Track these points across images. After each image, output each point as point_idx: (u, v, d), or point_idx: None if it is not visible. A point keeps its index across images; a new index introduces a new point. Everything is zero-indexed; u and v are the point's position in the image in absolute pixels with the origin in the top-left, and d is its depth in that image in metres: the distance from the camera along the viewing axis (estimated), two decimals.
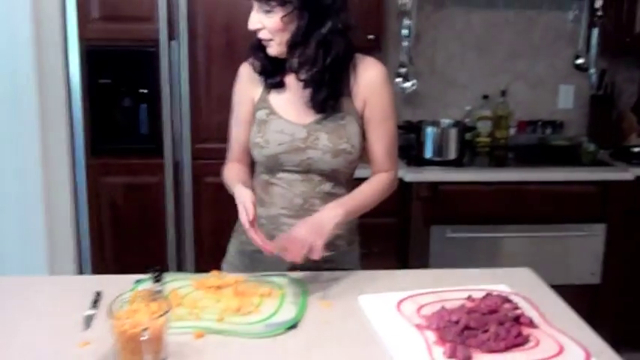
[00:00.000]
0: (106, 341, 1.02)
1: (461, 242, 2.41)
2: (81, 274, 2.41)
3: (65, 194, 2.39)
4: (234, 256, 1.52)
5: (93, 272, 2.44)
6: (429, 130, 2.52)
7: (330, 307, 1.21)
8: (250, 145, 1.41)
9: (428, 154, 2.53)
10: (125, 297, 1.06)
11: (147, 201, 2.42)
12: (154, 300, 1.05)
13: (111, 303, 1.02)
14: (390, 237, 2.46)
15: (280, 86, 1.38)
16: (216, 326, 1.12)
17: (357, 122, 1.38)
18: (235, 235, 1.53)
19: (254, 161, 1.46)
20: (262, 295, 1.24)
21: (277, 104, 1.39)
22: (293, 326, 1.13)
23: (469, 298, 1.21)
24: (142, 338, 0.96)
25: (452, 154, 2.52)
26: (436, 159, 2.52)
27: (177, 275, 1.36)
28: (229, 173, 1.45)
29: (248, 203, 1.25)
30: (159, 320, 0.99)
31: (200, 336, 1.09)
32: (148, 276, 1.34)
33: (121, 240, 2.44)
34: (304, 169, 1.37)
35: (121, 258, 2.44)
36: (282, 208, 1.40)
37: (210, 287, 1.26)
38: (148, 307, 1.03)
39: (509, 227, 2.43)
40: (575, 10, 2.83)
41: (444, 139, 2.52)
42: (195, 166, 2.37)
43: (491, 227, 2.42)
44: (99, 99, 2.36)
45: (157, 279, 1.30)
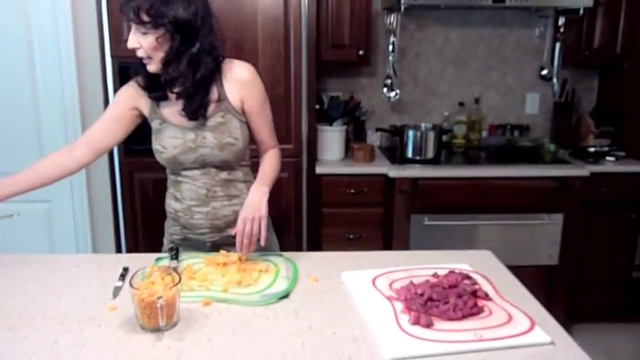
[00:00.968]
0: (130, 307, 1.08)
1: (437, 229, 2.43)
2: (119, 251, 2.49)
3: (105, 188, 2.45)
4: (167, 247, 1.54)
5: (127, 251, 2.50)
6: (411, 133, 2.54)
7: (317, 282, 1.26)
8: (153, 152, 1.43)
9: (409, 154, 2.54)
10: (145, 271, 1.11)
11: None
12: (168, 274, 1.10)
13: (132, 276, 1.07)
14: (377, 224, 2.49)
15: (164, 99, 1.38)
16: (221, 296, 1.17)
17: (238, 118, 1.39)
18: (167, 230, 1.56)
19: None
20: (260, 271, 1.28)
21: (167, 113, 1.39)
22: (285, 297, 1.17)
23: (434, 275, 1.25)
24: (158, 305, 1.01)
25: (430, 154, 2.53)
26: (417, 158, 2.53)
27: (191, 254, 1.41)
28: (45, 159, 1.42)
29: None
30: (171, 290, 1.04)
31: (207, 304, 1.14)
32: (167, 254, 1.40)
33: (150, 225, 2.48)
34: (200, 165, 1.40)
35: (150, 239, 2.48)
36: (191, 200, 1.43)
37: (218, 264, 1.31)
38: (163, 280, 1.08)
39: (479, 216, 2.45)
40: (541, 28, 2.84)
41: (424, 141, 2.53)
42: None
43: (463, 216, 2.44)
44: None
45: (174, 257, 1.36)
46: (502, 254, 1.45)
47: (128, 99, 1.43)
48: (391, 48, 2.69)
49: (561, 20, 2.70)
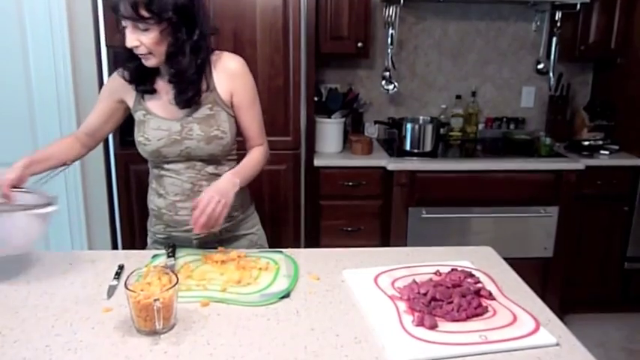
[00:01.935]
0: (125, 308, 1.01)
1: (434, 221, 2.38)
2: (114, 245, 2.43)
3: (100, 179, 2.39)
4: (152, 246, 1.48)
5: (123, 244, 2.43)
6: (409, 126, 2.48)
7: (318, 280, 1.19)
8: (136, 145, 1.36)
9: (407, 147, 2.49)
10: (141, 271, 1.04)
11: None
12: (165, 274, 1.03)
13: (128, 277, 1.00)
14: (375, 217, 2.44)
15: (151, 92, 1.31)
16: (219, 296, 1.10)
17: (226, 110, 1.32)
18: (149, 229, 1.49)
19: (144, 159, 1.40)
20: (260, 269, 1.22)
21: (151, 105, 1.32)
22: (285, 296, 1.11)
23: (437, 273, 1.20)
24: (154, 307, 0.94)
25: (428, 147, 2.48)
26: (414, 150, 2.48)
27: (189, 250, 1.34)
28: (59, 142, 1.40)
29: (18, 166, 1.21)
30: (169, 292, 0.97)
31: (205, 304, 1.08)
32: (163, 251, 1.32)
33: (146, 216, 2.42)
34: (185, 158, 1.33)
35: (146, 231, 2.42)
36: (175, 195, 1.36)
37: (216, 262, 1.24)
38: (160, 281, 1.01)
39: (476, 209, 2.40)
40: (537, 22, 2.77)
41: (422, 134, 2.47)
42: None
43: (460, 209, 2.39)
44: None
45: (171, 254, 1.29)
46: (498, 246, 1.41)
47: (113, 92, 1.37)
48: (390, 40, 2.62)
49: (558, 15, 2.65)
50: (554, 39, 2.67)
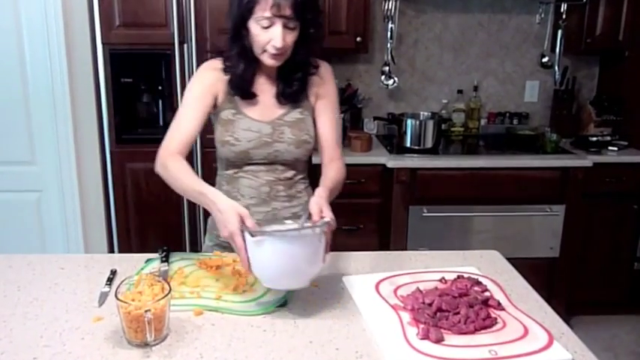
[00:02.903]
0: (117, 317, 0.97)
1: (435, 220, 2.34)
2: (110, 243, 2.42)
3: (96, 177, 2.38)
4: (211, 248, 1.40)
5: (119, 244, 2.41)
6: (409, 122, 2.44)
7: (316, 287, 1.16)
8: (217, 144, 1.31)
9: (408, 143, 2.45)
10: (132, 279, 1.00)
11: (164, 184, 2.35)
12: (158, 282, 1.00)
13: (118, 286, 0.97)
14: (375, 215, 2.40)
15: (252, 97, 1.27)
16: (213, 304, 1.07)
17: (312, 115, 1.32)
18: (210, 231, 1.42)
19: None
20: None
21: (243, 105, 1.29)
22: (283, 304, 1.08)
23: (442, 280, 1.15)
24: (145, 319, 0.90)
25: (429, 143, 2.44)
26: (415, 147, 2.44)
27: (183, 255, 1.30)
28: (182, 167, 1.21)
29: (248, 220, 1.03)
30: (160, 302, 0.93)
31: (199, 313, 1.04)
32: (157, 256, 1.29)
33: (143, 217, 2.40)
34: (270, 161, 1.30)
35: (143, 232, 2.41)
36: (250, 198, 1.32)
37: (210, 267, 1.21)
38: (152, 290, 0.98)
39: (478, 207, 2.36)
40: (541, 14, 2.72)
41: (423, 130, 2.43)
42: (204, 154, 2.31)
43: (462, 207, 2.36)
44: (122, 96, 2.31)
45: (164, 259, 1.25)
46: (502, 246, 1.38)
47: (209, 87, 1.27)
48: (389, 34, 2.57)
49: (564, 6, 2.60)
50: (559, 31, 2.62)
